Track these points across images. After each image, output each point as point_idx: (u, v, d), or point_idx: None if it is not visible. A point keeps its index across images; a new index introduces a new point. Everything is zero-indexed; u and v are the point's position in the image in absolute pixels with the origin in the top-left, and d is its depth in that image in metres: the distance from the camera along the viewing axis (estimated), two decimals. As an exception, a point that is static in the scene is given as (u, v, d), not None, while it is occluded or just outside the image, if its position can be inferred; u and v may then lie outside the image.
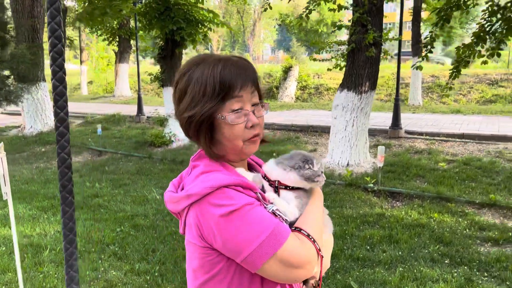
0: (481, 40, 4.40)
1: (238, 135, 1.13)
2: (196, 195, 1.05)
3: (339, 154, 7.22)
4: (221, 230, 1.03)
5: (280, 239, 1.04)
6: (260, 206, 1.08)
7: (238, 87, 1.11)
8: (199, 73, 1.12)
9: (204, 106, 1.09)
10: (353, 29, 6.72)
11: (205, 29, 8.90)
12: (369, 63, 6.86)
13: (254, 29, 41.52)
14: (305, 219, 1.15)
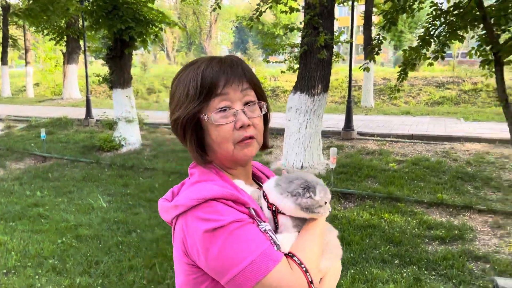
0: (426, 43, 4.51)
1: (226, 137, 1.03)
2: (183, 206, 0.97)
3: (294, 156, 7.21)
4: (205, 247, 0.94)
5: (267, 265, 0.93)
6: (251, 225, 0.98)
7: (221, 85, 1.03)
8: (185, 75, 1.07)
9: (188, 107, 1.03)
10: (305, 31, 6.74)
11: (156, 29, 8.63)
12: (321, 65, 6.90)
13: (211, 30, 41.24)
14: (298, 245, 1.02)
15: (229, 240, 0.93)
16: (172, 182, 6.60)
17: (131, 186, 6.42)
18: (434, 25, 4.71)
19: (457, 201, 5.52)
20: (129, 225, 4.93)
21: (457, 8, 4.31)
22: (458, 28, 4.50)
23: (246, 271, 0.92)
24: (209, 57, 1.10)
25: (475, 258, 4.06)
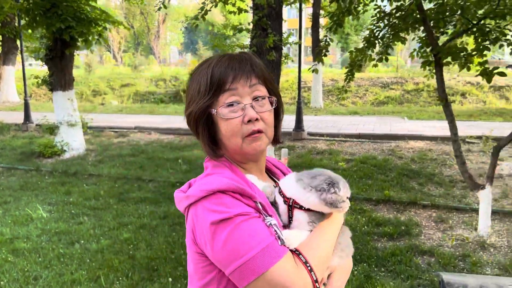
0: (371, 45, 4.62)
1: (235, 131, 1.06)
2: (193, 197, 1.01)
3: (245, 157, 7.16)
4: (211, 238, 0.97)
5: (271, 259, 0.94)
6: (257, 219, 0.99)
7: (230, 80, 1.06)
8: (197, 73, 1.11)
9: (199, 102, 1.07)
10: (254, 32, 6.71)
11: (100, 28, 8.25)
12: (271, 67, 6.89)
13: (159, 31, 40.38)
14: (308, 243, 1.02)
15: (234, 232, 0.95)
16: (119, 188, 6.33)
17: (74, 194, 6.07)
18: (378, 27, 4.83)
19: (403, 197, 5.72)
20: (72, 235, 4.64)
21: (399, 10, 4.45)
22: (400, 30, 4.65)
23: (248, 264, 0.94)
24: (221, 54, 1.12)
25: (421, 253, 4.19)
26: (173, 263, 3.99)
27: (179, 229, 4.83)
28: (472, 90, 17.03)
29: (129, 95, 20.68)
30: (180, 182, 6.58)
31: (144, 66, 27.06)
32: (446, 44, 4.09)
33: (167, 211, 5.37)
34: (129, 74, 23.89)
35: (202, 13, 4.39)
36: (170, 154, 8.41)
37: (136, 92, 20.88)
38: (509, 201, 5.58)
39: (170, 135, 10.34)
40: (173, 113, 14.34)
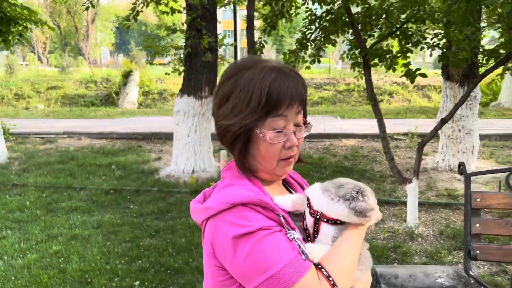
0: (303, 47, 4.73)
1: (274, 154, 1.05)
2: (213, 209, 0.99)
3: (184, 161, 7.03)
4: (232, 252, 0.95)
5: (293, 276, 0.91)
6: (279, 233, 0.96)
7: (285, 105, 1.02)
8: (247, 80, 1.02)
9: (246, 118, 1.01)
10: (188, 33, 6.61)
11: (21, 27, 7.66)
12: (207, 68, 6.85)
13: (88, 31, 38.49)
14: (331, 256, 0.98)
15: (256, 247, 0.92)
16: (46, 197, 5.92)
17: (-4, 207, 5.59)
18: (310, 30, 4.97)
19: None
20: (-7, 252, 4.26)
21: (329, 14, 4.61)
22: (331, 33, 4.82)
23: (272, 280, 0.91)
24: (272, 63, 1.06)
25: (356, 246, 4.36)
26: (108, 274, 3.80)
27: (114, 238, 4.62)
28: (398, 90, 18.16)
29: (57, 98, 19.50)
30: (114, 189, 6.31)
31: (73, 67, 25.64)
32: (373, 46, 4.30)
33: (101, 220, 5.12)
34: (56, 76, 22.53)
35: (133, 14, 4.22)
36: (103, 159, 8.03)
37: (65, 95, 19.74)
38: (433, 193, 6.00)
39: (102, 139, 9.89)
40: (105, 117, 13.72)
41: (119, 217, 5.27)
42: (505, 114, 11.98)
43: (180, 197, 5.99)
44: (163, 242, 4.50)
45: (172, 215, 5.30)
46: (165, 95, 19.28)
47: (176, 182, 6.61)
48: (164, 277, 3.77)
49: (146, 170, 7.36)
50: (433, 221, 5.05)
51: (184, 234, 4.70)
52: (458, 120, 6.68)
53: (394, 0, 4.70)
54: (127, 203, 5.81)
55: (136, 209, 5.54)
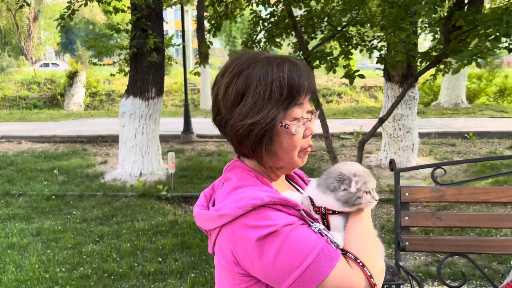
0: (247, 48, 4.77)
1: (297, 146, 1.02)
2: (229, 216, 0.94)
3: (131, 164, 6.87)
4: (259, 255, 0.91)
5: (327, 265, 0.90)
6: (303, 226, 0.94)
7: (303, 94, 0.99)
8: (261, 72, 0.97)
9: (270, 112, 0.96)
10: (133, 33, 6.47)
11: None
12: (154, 69, 6.74)
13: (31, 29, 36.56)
14: (349, 239, 0.97)
15: (284, 244, 0.90)
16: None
17: None
18: (255, 31, 5.02)
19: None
20: None
21: (272, 16, 4.68)
22: (275, 35, 4.90)
23: (306, 274, 0.89)
24: (274, 54, 1.03)
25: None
26: (47, 283, 3.65)
27: (54, 245, 4.43)
28: (347, 91, 18.77)
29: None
30: (56, 194, 6.05)
31: (14, 68, 24.27)
32: (315, 48, 4.42)
33: (41, 227, 4.89)
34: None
35: (68, 12, 4.06)
36: (44, 164, 7.67)
37: (4, 97, 18.64)
38: (376, 189, 6.24)
39: (44, 143, 9.43)
40: (48, 119, 13.11)
41: (60, 223, 5.06)
42: (444, 113, 12.72)
43: (126, 201, 5.84)
44: (107, 248, 4.37)
45: (117, 220, 5.16)
46: (113, 96, 18.73)
47: (122, 186, 6.44)
48: (107, 283, 3.67)
49: (91, 174, 7.11)
50: (375, 216, 5.27)
51: (129, 238, 4.59)
52: (399, 119, 7.01)
53: (335, 4, 4.85)
54: (70, 208, 5.59)
55: (80, 214, 5.35)
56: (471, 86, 15.23)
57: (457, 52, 3.24)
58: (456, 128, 9.77)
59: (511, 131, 9.20)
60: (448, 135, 9.12)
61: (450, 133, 9.20)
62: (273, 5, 4.78)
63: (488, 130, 9.31)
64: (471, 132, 9.05)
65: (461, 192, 2.59)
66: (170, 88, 19.07)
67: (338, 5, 4.76)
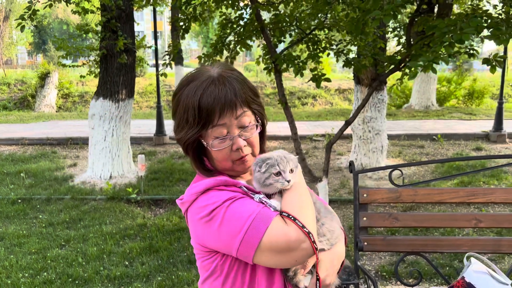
0: (217, 51, 4.78)
1: (225, 158, 1.15)
2: (187, 202, 1.13)
3: (101, 166, 6.77)
4: (209, 228, 1.07)
5: (263, 224, 1.02)
6: (244, 198, 1.09)
7: (217, 115, 1.10)
8: (183, 97, 1.12)
9: (188, 132, 1.12)
10: (103, 34, 6.39)
11: None
12: (124, 70, 6.67)
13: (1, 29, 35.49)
14: (284, 202, 1.09)
15: (225, 215, 1.04)
16: None
17: None
18: (225, 34, 5.03)
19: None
20: None
21: (241, 19, 4.71)
22: (245, 38, 4.92)
23: (247, 235, 1.02)
24: (208, 73, 1.13)
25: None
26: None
27: (18, 250, 4.33)
28: (322, 93, 18.97)
29: (-37, 101, 17.75)
30: (22, 198, 5.91)
31: (-18, 68, 23.50)
32: (283, 52, 4.47)
33: (4, 232, 4.77)
34: (-39, 77, 20.46)
35: (29, 13, 3.97)
36: (11, 167, 7.48)
37: (-28, 98, 18.03)
38: (346, 191, 6.36)
39: (12, 146, 9.18)
40: (17, 121, 12.76)
41: (25, 228, 4.95)
42: (415, 115, 13.02)
43: (95, 204, 5.75)
44: (73, 252, 4.31)
45: (84, 223, 5.08)
46: (86, 98, 18.36)
47: (91, 189, 6.34)
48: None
49: (59, 177, 6.97)
50: (344, 217, 5.36)
51: (96, 242, 4.53)
52: (368, 122, 7.15)
53: (304, 7, 4.91)
54: (36, 212, 5.47)
55: (46, 218, 5.24)
56: (441, 89, 15.63)
57: (418, 57, 3.34)
58: (425, 130, 10.02)
59: (477, 133, 9.49)
60: (417, 137, 9.35)
61: (419, 135, 9.42)
62: (242, 8, 4.81)
63: (455, 132, 9.58)
64: (439, 134, 9.30)
65: (417, 193, 2.68)
66: (144, 89, 18.86)
67: (307, 9, 4.82)
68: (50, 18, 43.39)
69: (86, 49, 6.57)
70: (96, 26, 6.45)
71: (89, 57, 6.91)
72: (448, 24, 2.95)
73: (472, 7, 4.66)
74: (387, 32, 6.38)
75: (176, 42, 4.92)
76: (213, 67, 1.17)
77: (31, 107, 17.37)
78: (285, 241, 1.02)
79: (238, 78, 1.16)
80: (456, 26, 2.87)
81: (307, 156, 8.04)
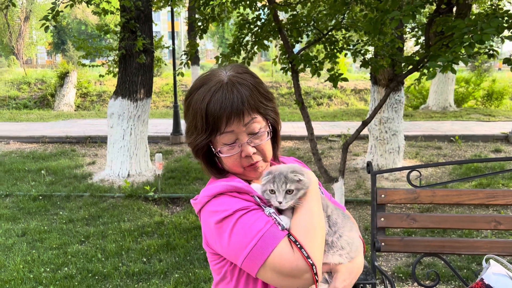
0: (235, 51, 4.82)
1: (235, 164, 1.14)
2: (199, 203, 1.13)
3: (119, 164, 6.88)
4: (219, 236, 1.06)
5: (270, 244, 1.01)
6: (256, 210, 1.06)
7: (224, 122, 1.08)
8: (193, 101, 1.11)
9: (197, 138, 1.13)
10: (122, 35, 6.50)
11: None
12: (143, 70, 6.77)
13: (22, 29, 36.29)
14: (293, 222, 1.07)
15: (235, 226, 1.03)
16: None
17: None
18: (242, 34, 5.07)
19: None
20: None
21: (258, 19, 4.74)
22: (262, 38, 4.95)
23: (253, 252, 1.01)
24: (219, 77, 1.12)
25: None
26: (31, 283, 3.66)
27: (39, 245, 4.44)
28: (337, 93, 18.87)
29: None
30: (43, 195, 6.05)
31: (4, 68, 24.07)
32: (300, 52, 4.48)
33: (27, 228, 4.90)
34: (-16, 77, 21.01)
35: (52, 14, 4.08)
36: (32, 165, 7.66)
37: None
38: (362, 191, 6.34)
39: (33, 144, 9.40)
40: (37, 120, 13.04)
41: (46, 224, 5.07)
42: (432, 116, 12.86)
43: (114, 201, 5.86)
44: (93, 248, 4.40)
45: (103, 220, 5.18)
46: (104, 97, 18.66)
47: (110, 187, 6.45)
48: (91, 283, 3.69)
49: (79, 175, 7.11)
50: (360, 217, 5.35)
51: (115, 239, 4.62)
52: (385, 122, 7.10)
53: (322, 8, 4.92)
54: (57, 209, 5.59)
55: (66, 215, 5.36)
56: (459, 89, 15.41)
57: (437, 57, 3.32)
58: (443, 131, 9.90)
59: (496, 134, 9.34)
60: (435, 138, 9.24)
61: (436, 136, 9.31)
62: (259, 9, 4.84)
63: (474, 134, 9.44)
64: (457, 135, 9.18)
65: (435, 194, 2.67)
66: (161, 89, 19.06)
67: (324, 9, 4.83)
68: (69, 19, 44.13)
69: (105, 49, 6.68)
70: (115, 26, 6.56)
71: (108, 57, 7.03)
72: (468, 24, 2.92)
73: (492, 7, 4.61)
74: (405, 32, 6.32)
75: (193, 42, 4.97)
76: (226, 70, 1.14)
77: (50, 106, 17.73)
78: (289, 267, 1.00)
79: (248, 83, 1.12)
80: (476, 27, 2.85)
81: (322, 157, 8.03)
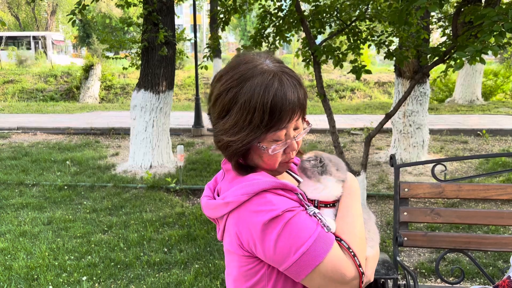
0: (256, 43, 4.78)
1: (276, 161, 1.06)
2: (234, 202, 1.00)
3: (141, 156, 6.97)
4: (262, 238, 0.97)
5: (322, 251, 0.96)
6: (303, 212, 0.99)
7: (287, 119, 0.99)
8: (248, 95, 0.97)
9: (248, 135, 0.99)
10: (144, 27, 6.55)
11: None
12: (165, 62, 6.81)
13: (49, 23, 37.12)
14: (341, 226, 1.03)
15: (285, 229, 0.95)
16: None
17: None
18: (264, 26, 5.03)
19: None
20: None
21: (280, 11, 4.69)
22: (284, 30, 4.89)
23: (304, 257, 0.95)
24: (269, 67, 1.00)
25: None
26: (56, 270, 3.76)
27: (64, 234, 4.55)
28: (360, 86, 18.59)
29: (14, 93, 18.76)
30: (68, 185, 6.19)
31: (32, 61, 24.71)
32: (322, 43, 4.41)
33: (52, 216, 5.03)
34: (13, 70, 21.63)
35: (79, 8, 4.13)
36: (58, 155, 7.85)
37: (22, 89, 19.02)
38: (385, 186, 6.23)
39: (58, 135, 9.63)
40: (63, 112, 13.36)
41: (71, 213, 5.19)
42: (458, 110, 12.53)
43: (136, 192, 5.95)
44: (115, 237, 4.48)
45: (126, 211, 5.27)
46: (127, 90, 18.93)
47: (132, 178, 6.55)
48: (113, 272, 3.76)
49: (102, 165, 7.25)
50: (382, 212, 5.27)
51: (137, 229, 4.69)
52: (409, 116, 6.95)
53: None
54: (81, 199, 5.72)
55: (90, 205, 5.47)
56: (487, 82, 14.94)
57: (464, 48, 3.20)
58: (469, 125, 9.62)
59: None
60: (461, 132, 9.00)
61: (462, 130, 9.06)
62: (281, 0, 4.78)
63: (502, 128, 9.15)
64: (484, 129, 8.90)
65: (461, 189, 2.59)
66: (183, 82, 19.20)
67: (347, 0, 4.73)
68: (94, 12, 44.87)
69: (128, 41, 6.75)
70: (137, 19, 6.61)
71: (131, 50, 7.10)
72: (499, 12, 2.81)
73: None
74: (431, 22, 6.14)
75: (216, 35, 4.96)
76: (263, 59, 1.02)
77: (76, 98, 18.12)
78: (341, 274, 0.97)
79: (295, 74, 1.05)
80: (507, 15, 2.73)
81: (344, 150, 7.94)
